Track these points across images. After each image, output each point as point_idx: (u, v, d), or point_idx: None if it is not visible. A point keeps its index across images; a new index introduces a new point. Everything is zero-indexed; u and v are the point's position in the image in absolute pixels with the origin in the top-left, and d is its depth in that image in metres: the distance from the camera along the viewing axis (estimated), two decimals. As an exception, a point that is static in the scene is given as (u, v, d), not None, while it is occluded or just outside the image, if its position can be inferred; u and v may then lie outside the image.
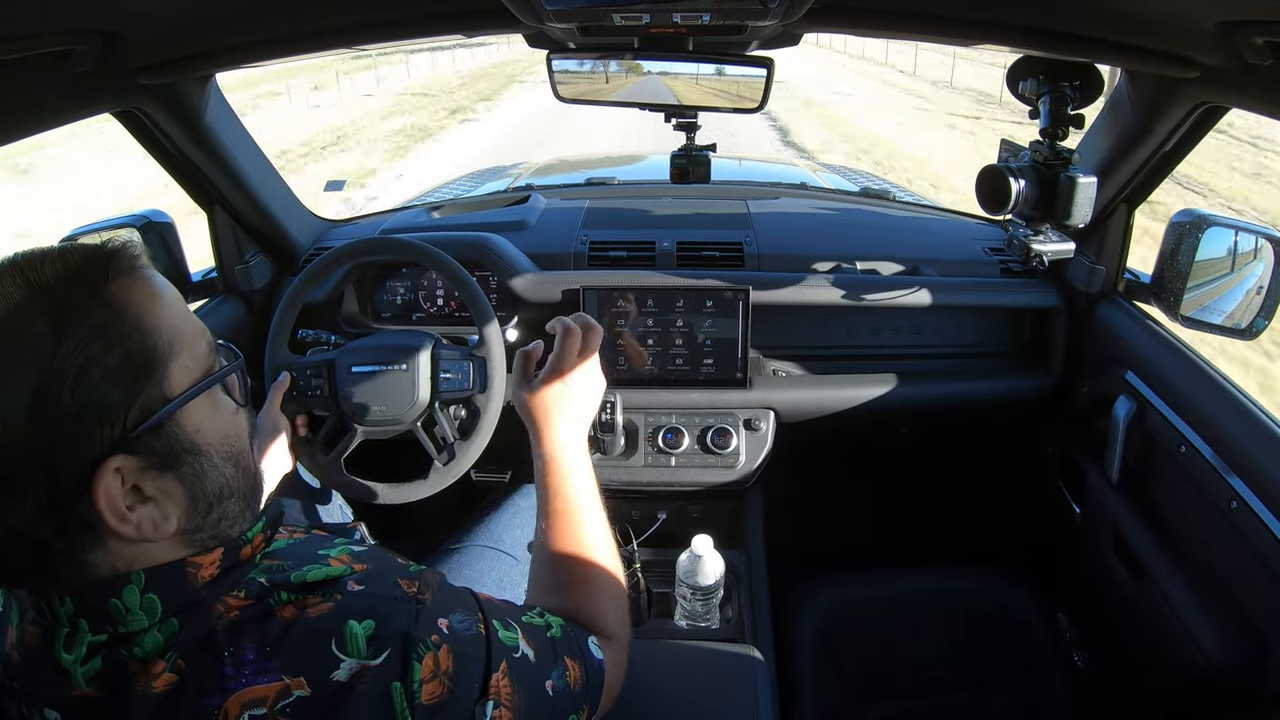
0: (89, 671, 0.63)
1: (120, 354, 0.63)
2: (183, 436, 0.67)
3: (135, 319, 0.65)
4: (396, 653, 0.65)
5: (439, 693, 0.66)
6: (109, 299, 0.64)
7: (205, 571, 0.67)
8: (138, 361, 0.64)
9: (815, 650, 1.63)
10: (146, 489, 0.65)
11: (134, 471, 0.63)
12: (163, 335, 0.66)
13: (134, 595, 0.64)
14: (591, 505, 1.05)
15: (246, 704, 0.61)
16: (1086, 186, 1.33)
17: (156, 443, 0.65)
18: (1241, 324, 1.44)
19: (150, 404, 0.64)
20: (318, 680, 0.63)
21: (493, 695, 0.70)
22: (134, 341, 0.64)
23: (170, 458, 0.66)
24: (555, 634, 0.85)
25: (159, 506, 0.65)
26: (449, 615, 0.72)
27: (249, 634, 0.64)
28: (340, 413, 1.56)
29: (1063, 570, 1.86)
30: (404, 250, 1.66)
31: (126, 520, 0.63)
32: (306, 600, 0.67)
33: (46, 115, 1.20)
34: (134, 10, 1.07)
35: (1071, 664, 1.68)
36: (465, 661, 0.69)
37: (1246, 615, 1.30)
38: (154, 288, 0.68)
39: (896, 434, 2.21)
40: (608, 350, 1.75)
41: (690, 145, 1.63)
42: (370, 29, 1.36)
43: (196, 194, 1.83)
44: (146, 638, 0.63)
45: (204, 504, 0.69)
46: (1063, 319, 1.81)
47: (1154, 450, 1.55)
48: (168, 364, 0.66)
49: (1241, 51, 0.98)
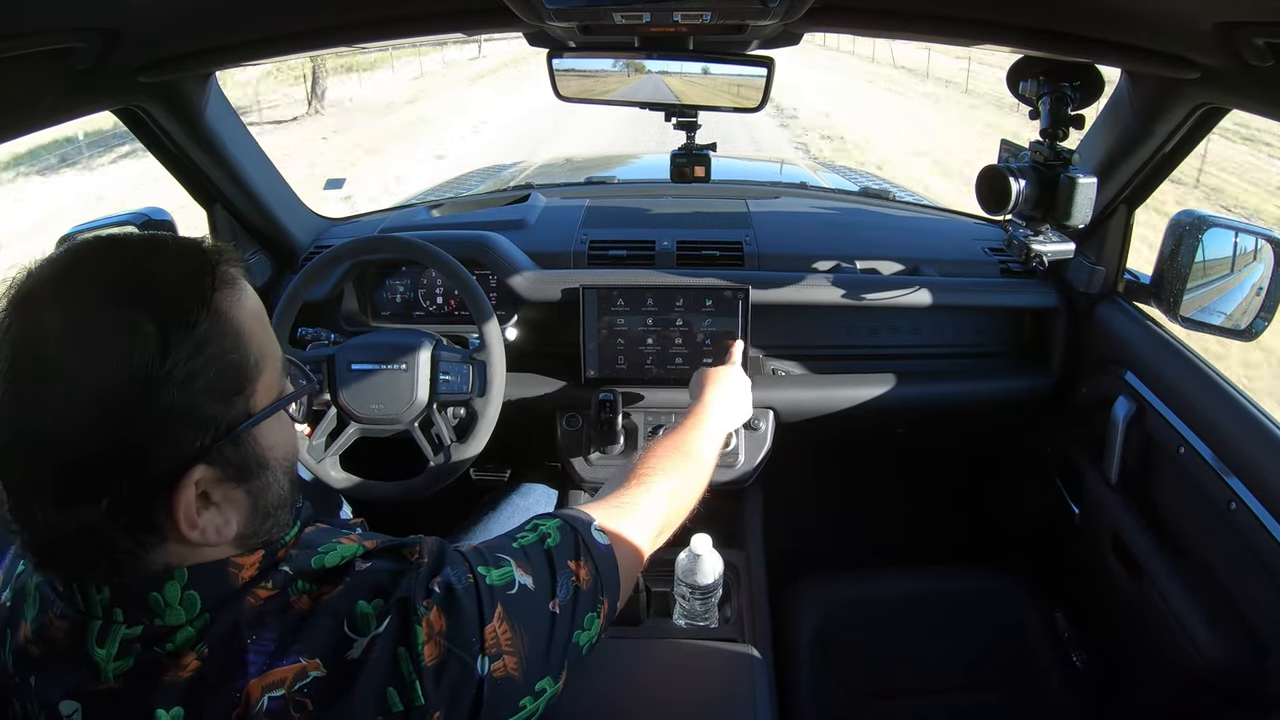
0: (120, 668, 0.63)
1: (219, 368, 0.64)
2: (258, 452, 0.68)
3: (235, 333, 0.66)
4: (398, 619, 0.67)
5: (438, 653, 0.67)
6: (215, 308, 0.64)
7: (246, 572, 0.68)
8: (232, 377, 0.65)
9: (813, 650, 1.63)
10: (214, 496, 0.66)
11: (210, 481, 0.64)
12: (254, 350, 0.67)
13: (175, 591, 0.64)
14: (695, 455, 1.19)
15: (267, 687, 0.62)
16: (1086, 187, 1.33)
17: (235, 455, 0.66)
18: (1241, 325, 1.44)
19: (236, 418, 0.66)
20: (332, 661, 0.64)
21: (490, 648, 0.71)
22: (232, 356, 0.65)
23: (244, 471, 0.67)
24: (553, 542, 0.85)
25: (222, 513, 0.66)
26: (441, 572, 0.72)
27: (271, 624, 0.65)
28: (338, 409, 1.56)
29: (1061, 570, 1.86)
30: (404, 249, 1.66)
31: (195, 526, 0.64)
32: (321, 589, 0.68)
33: (47, 113, 1.20)
34: (135, 8, 1.07)
35: (1070, 664, 1.68)
36: (457, 619, 0.70)
37: (1245, 616, 1.30)
38: (250, 302, 0.69)
39: (895, 434, 2.21)
40: (607, 349, 1.76)
41: (690, 144, 1.63)
42: (370, 27, 1.36)
43: (196, 192, 1.83)
44: (180, 633, 0.64)
45: (263, 513, 0.70)
46: (1062, 319, 1.81)
47: (1153, 451, 1.54)
48: (255, 380, 0.68)
49: (1241, 52, 0.98)
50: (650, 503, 1.04)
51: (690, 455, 1.18)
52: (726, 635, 1.49)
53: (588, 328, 1.75)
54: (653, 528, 1.02)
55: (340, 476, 1.58)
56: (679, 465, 1.14)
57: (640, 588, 1.54)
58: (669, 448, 1.17)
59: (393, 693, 0.65)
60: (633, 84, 1.51)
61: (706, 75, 1.47)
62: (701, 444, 1.22)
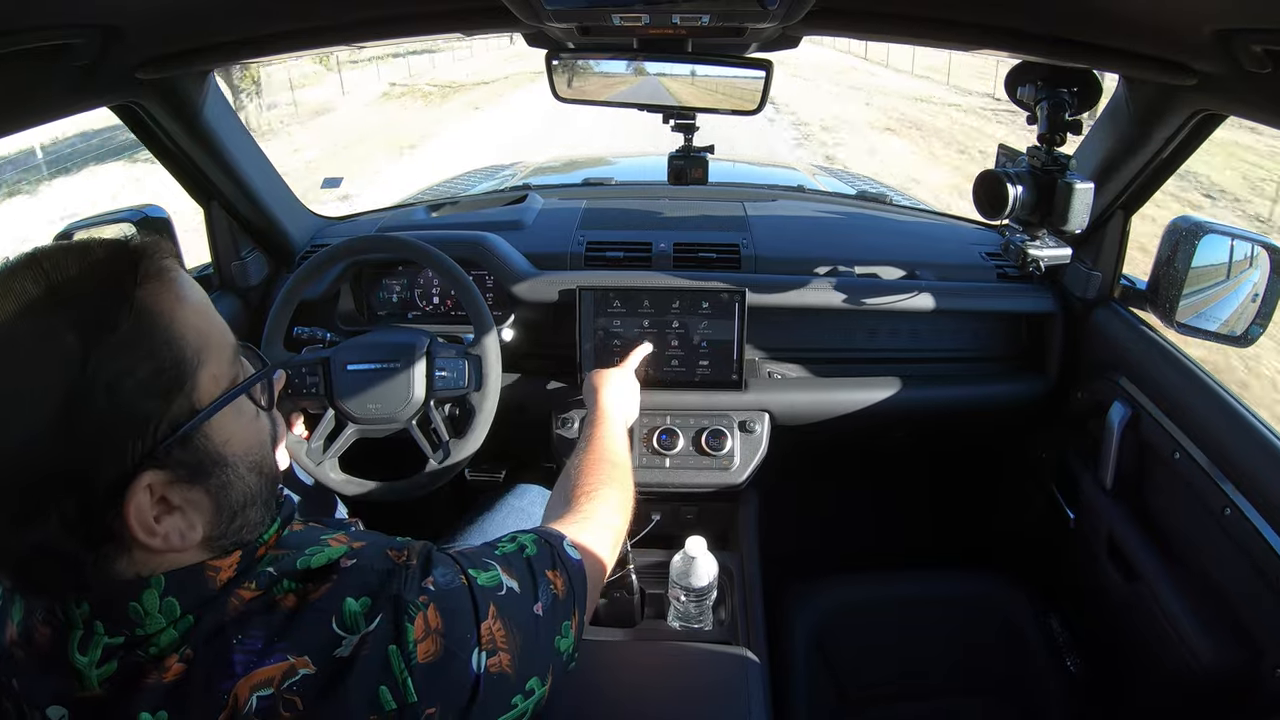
0: (104, 674, 0.62)
1: (151, 366, 0.61)
2: (211, 448, 0.66)
3: (165, 327, 0.63)
4: (389, 617, 0.67)
5: (434, 650, 0.68)
6: (138, 306, 0.62)
7: (224, 575, 0.67)
8: (168, 373, 0.63)
9: (809, 653, 1.63)
10: (174, 499, 0.64)
11: (163, 485, 0.63)
12: (190, 343, 0.64)
13: (153, 599, 0.63)
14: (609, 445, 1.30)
15: (255, 686, 0.62)
16: (1083, 192, 1.33)
17: (185, 455, 0.64)
18: (1236, 331, 1.44)
19: (179, 416, 0.63)
20: (321, 658, 0.64)
21: (487, 645, 0.72)
22: (164, 352, 0.62)
23: (199, 470, 0.65)
24: (530, 552, 0.87)
25: (185, 516, 0.65)
26: (432, 573, 0.73)
27: (256, 623, 0.65)
28: (336, 411, 1.56)
29: (1057, 575, 1.87)
30: (400, 249, 1.66)
31: (154, 533, 0.62)
32: (307, 587, 0.68)
33: (45, 109, 1.20)
34: (134, 5, 1.07)
35: (1065, 669, 1.68)
36: (454, 615, 0.71)
37: (1240, 620, 1.30)
38: (182, 291, 0.66)
39: (891, 438, 2.21)
40: (603, 351, 1.75)
41: (688, 146, 1.63)
42: (369, 26, 1.36)
43: (194, 190, 1.82)
44: (163, 636, 0.63)
45: (228, 513, 0.68)
46: (1059, 324, 1.82)
47: (1148, 456, 1.55)
48: (196, 373, 0.65)
49: (1239, 59, 0.99)
50: (609, 518, 1.09)
51: (620, 465, 1.25)
52: (721, 638, 1.49)
53: (584, 329, 1.75)
54: (613, 541, 1.07)
55: (340, 478, 1.57)
56: (617, 479, 1.20)
57: (635, 590, 1.53)
58: (601, 461, 1.24)
59: (385, 691, 0.65)
60: (631, 86, 1.51)
61: (705, 77, 1.47)
62: (621, 449, 1.32)
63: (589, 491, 1.12)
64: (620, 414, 1.46)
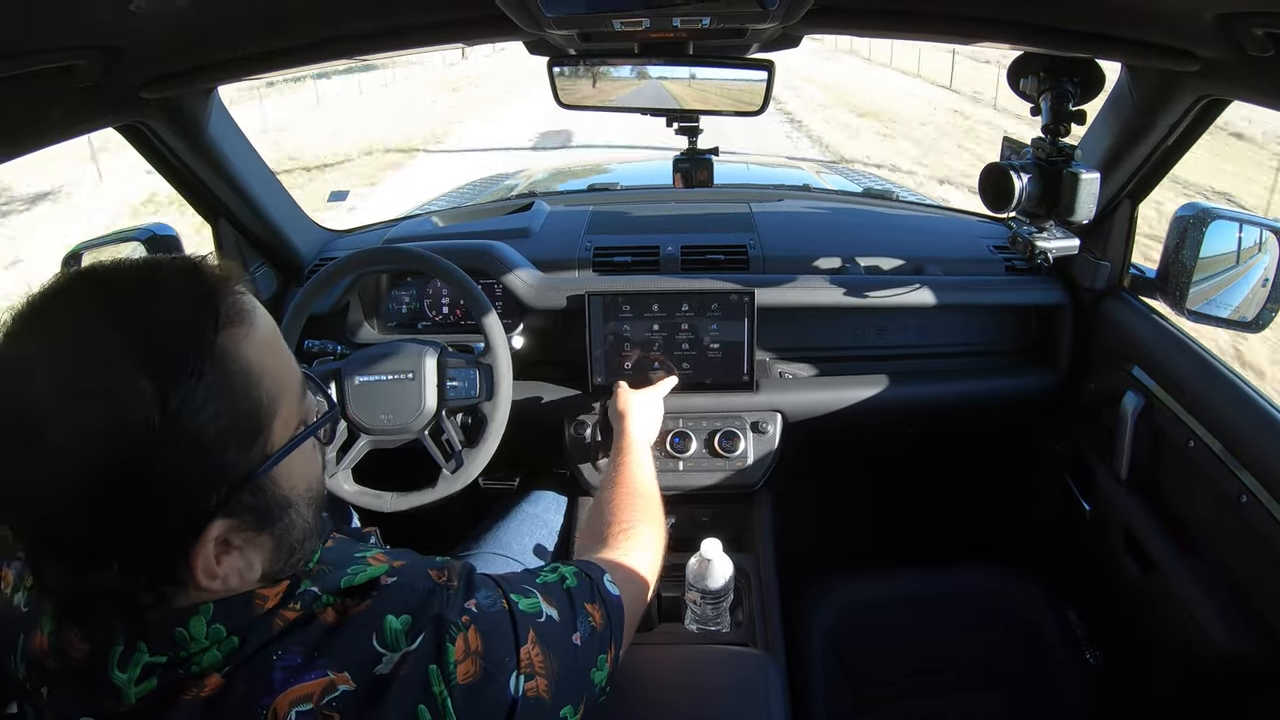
0: (143, 691, 0.61)
1: (229, 417, 0.59)
2: (279, 493, 0.65)
3: (244, 374, 0.61)
4: (430, 637, 0.67)
5: (473, 671, 0.68)
6: (219, 353, 0.59)
7: (270, 602, 0.66)
8: (246, 423, 0.61)
9: (826, 652, 1.63)
10: (234, 541, 0.63)
11: (228, 529, 0.61)
12: (267, 389, 0.63)
13: (200, 626, 0.62)
14: (641, 477, 1.31)
15: (294, 701, 0.61)
16: (1089, 182, 1.33)
17: (254, 501, 0.63)
18: (1248, 316, 1.44)
19: (252, 464, 0.62)
20: (361, 674, 0.64)
21: (525, 668, 0.72)
22: (243, 402, 0.61)
23: (265, 515, 0.64)
24: (571, 584, 0.87)
25: (244, 556, 0.64)
26: (475, 595, 0.73)
27: (295, 638, 0.65)
28: (348, 422, 1.56)
29: (1073, 568, 1.86)
30: (408, 259, 1.67)
31: (215, 576, 0.61)
32: (347, 603, 0.68)
33: (49, 130, 1.21)
34: (137, 26, 1.08)
35: (1084, 661, 1.67)
36: (494, 638, 0.71)
37: (1257, 609, 1.29)
38: (262, 336, 0.64)
39: (904, 434, 2.21)
40: (613, 356, 1.76)
41: (693, 149, 1.63)
42: (371, 39, 1.36)
43: (201, 207, 1.84)
44: (206, 656, 0.62)
45: (287, 551, 0.68)
46: (1069, 316, 1.81)
47: (1163, 446, 1.54)
48: (273, 420, 0.63)
49: (1242, 43, 0.98)
50: (645, 555, 1.10)
51: (650, 497, 1.27)
52: (738, 639, 1.48)
53: (594, 334, 1.75)
54: (651, 578, 1.09)
55: (354, 489, 1.58)
56: (649, 510, 1.22)
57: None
58: (631, 494, 1.25)
59: (423, 710, 0.64)
60: (633, 90, 1.51)
61: (707, 80, 1.48)
62: (651, 480, 1.34)
63: (625, 529, 1.13)
64: (647, 440, 1.50)
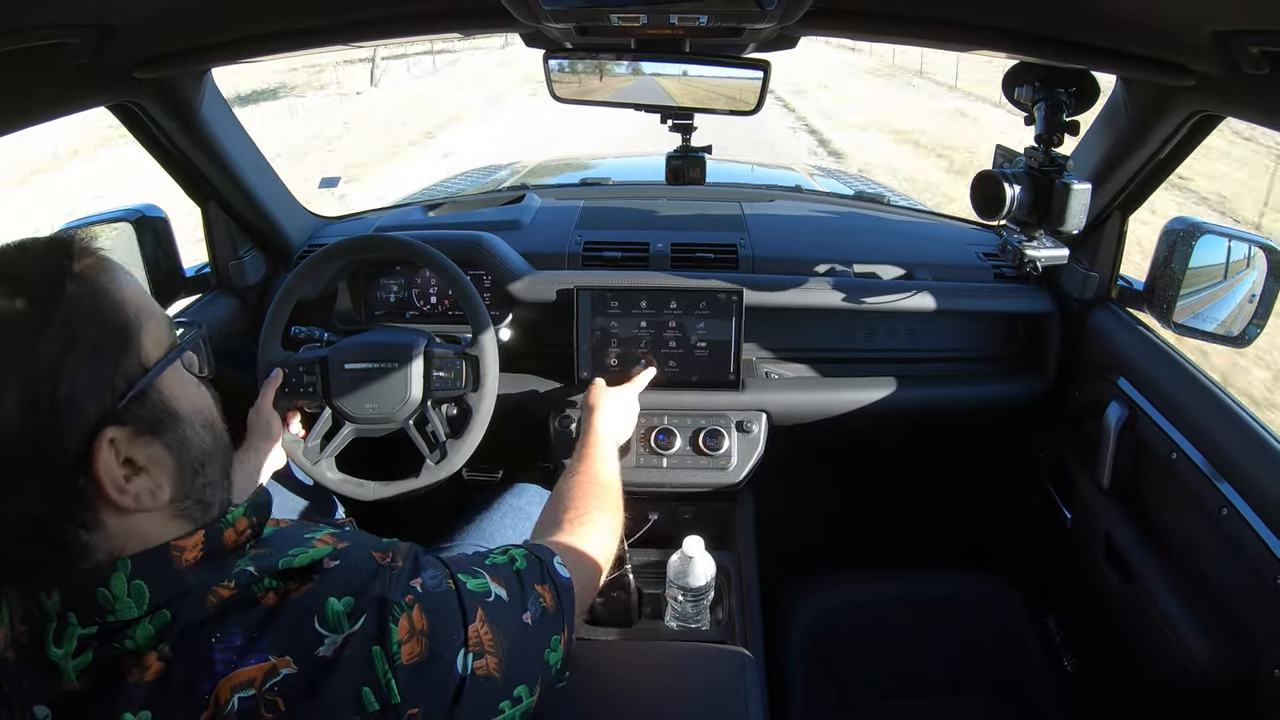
0: (80, 665, 0.63)
1: (98, 328, 0.65)
2: (165, 403, 0.70)
3: (105, 294, 0.67)
4: (373, 618, 0.67)
5: (419, 651, 0.68)
6: (78, 278, 0.66)
7: (189, 555, 0.68)
8: (115, 333, 0.67)
9: (806, 653, 1.63)
10: (138, 459, 0.66)
11: (126, 441, 0.65)
12: (129, 308, 0.69)
13: (121, 583, 0.64)
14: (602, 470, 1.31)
15: (235, 686, 0.62)
16: (1081, 193, 1.33)
17: (142, 410, 0.67)
18: (1234, 331, 1.45)
19: (131, 373, 0.67)
20: (303, 657, 0.64)
21: (474, 647, 0.72)
22: (108, 315, 0.66)
23: (156, 424, 0.68)
24: (520, 565, 0.88)
25: (151, 476, 0.67)
26: (420, 575, 0.74)
27: (235, 621, 0.65)
28: (333, 410, 1.56)
29: (1054, 575, 1.87)
30: (398, 248, 1.66)
31: (125, 491, 0.64)
32: (288, 586, 0.69)
33: (41, 108, 1.20)
34: (130, 5, 1.07)
35: (1061, 669, 1.68)
36: (439, 618, 0.71)
37: (1237, 621, 1.30)
38: (114, 267, 0.71)
39: (889, 438, 2.21)
40: (601, 351, 1.75)
41: (686, 146, 1.62)
42: (367, 26, 1.35)
43: (191, 189, 1.82)
44: (138, 629, 0.64)
45: (190, 470, 0.71)
46: (1056, 325, 1.82)
47: (1145, 457, 1.55)
48: (139, 335, 0.69)
49: (1237, 60, 0.99)
50: (598, 539, 1.11)
51: (608, 486, 1.27)
52: (718, 637, 1.49)
53: (581, 329, 1.75)
54: (602, 562, 1.09)
55: (337, 477, 1.57)
56: (605, 499, 1.22)
57: (632, 590, 1.53)
58: (590, 482, 1.26)
59: (368, 692, 0.65)
60: (629, 86, 1.51)
61: (702, 78, 1.47)
62: (612, 472, 1.33)
63: (580, 514, 1.14)
64: (613, 435, 1.48)
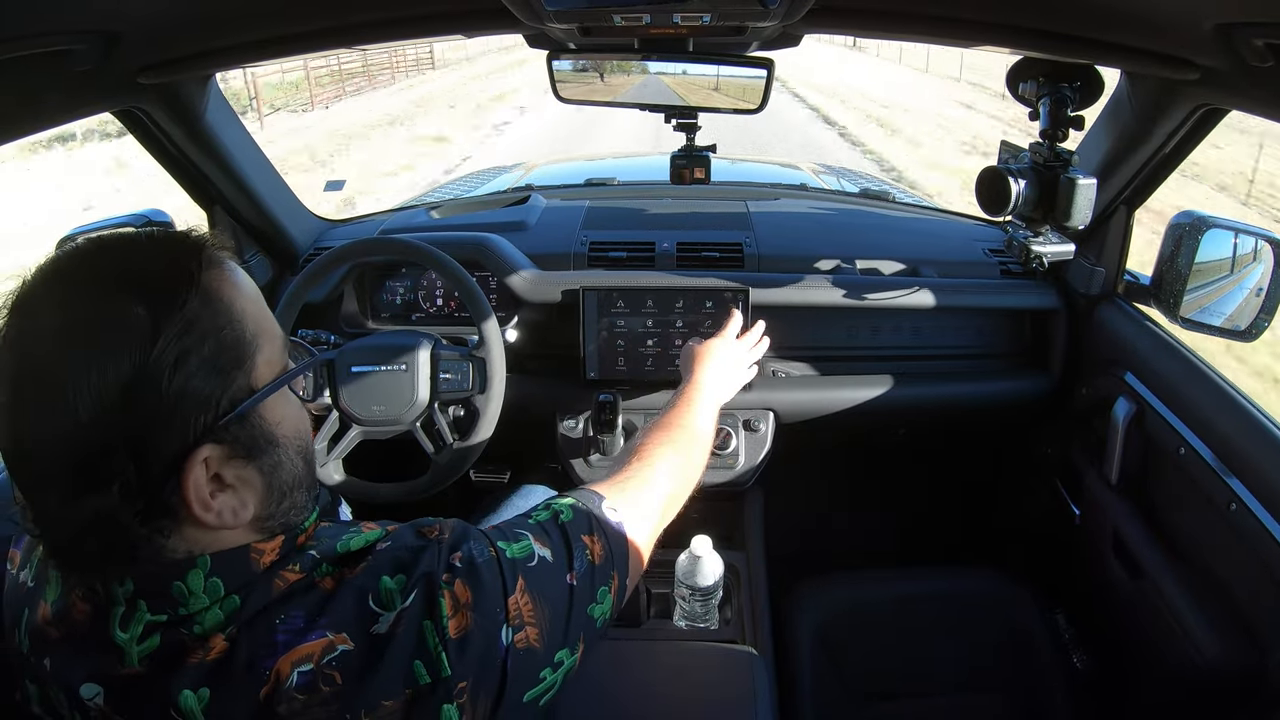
0: (145, 650, 0.63)
1: (214, 344, 0.64)
2: (265, 428, 0.69)
3: (227, 309, 0.66)
4: (422, 593, 0.68)
5: (465, 624, 0.69)
6: (202, 286, 0.65)
7: (267, 558, 0.69)
8: (229, 351, 0.66)
9: (814, 651, 1.63)
10: (227, 477, 0.66)
11: (219, 460, 0.65)
12: (249, 327, 0.68)
13: (198, 579, 0.65)
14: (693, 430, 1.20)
15: (296, 662, 0.63)
16: (1086, 188, 1.33)
17: (242, 432, 0.66)
18: (1241, 325, 1.44)
19: (238, 394, 0.66)
20: (360, 634, 0.66)
21: (514, 620, 0.73)
22: (226, 332, 0.65)
23: (253, 448, 0.68)
24: (566, 517, 0.87)
25: (238, 494, 0.67)
26: (461, 547, 0.74)
27: (297, 604, 0.66)
28: (339, 412, 1.56)
29: (1062, 572, 1.86)
30: (403, 250, 1.66)
31: (209, 508, 0.64)
32: (343, 570, 0.70)
33: (46, 114, 1.21)
34: (134, 11, 1.07)
35: (1071, 665, 1.67)
36: (482, 589, 0.72)
37: (1245, 616, 1.30)
38: (239, 279, 0.70)
39: (896, 435, 2.21)
40: (607, 351, 1.76)
41: (690, 146, 1.62)
42: (371, 29, 1.36)
43: (196, 194, 1.83)
44: (208, 615, 0.64)
45: (278, 493, 0.71)
46: (1062, 320, 1.81)
47: (1153, 452, 1.54)
48: (254, 355, 0.68)
49: (1241, 53, 0.98)
50: (655, 479, 1.05)
51: (688, 429, 1.19)
52: (727, 637, 1.49)
53: (588, 329, 1.75)
54: (659, 504, 1.04)
55: (343, 479, 1.58)
56: (678, 441, 1.15)
57: (641, 589, 1.53)
58: (667, 425, 1.18)
59: (419, 665, 0.66)
60: (633, 85, 1.51)
61: (706, 76, 1.47)
62: (697, 419, 1.23)
63: (643, 455, 1.09)
64: (713, 384, 1.34)
